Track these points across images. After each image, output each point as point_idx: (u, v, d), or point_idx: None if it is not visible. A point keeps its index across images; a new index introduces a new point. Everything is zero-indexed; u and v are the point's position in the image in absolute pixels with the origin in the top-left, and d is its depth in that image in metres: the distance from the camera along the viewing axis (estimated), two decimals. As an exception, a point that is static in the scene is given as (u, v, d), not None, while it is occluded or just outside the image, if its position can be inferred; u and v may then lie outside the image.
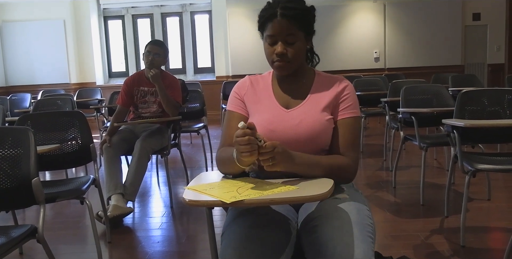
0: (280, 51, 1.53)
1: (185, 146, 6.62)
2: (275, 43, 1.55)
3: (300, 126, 1.54)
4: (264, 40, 1.58)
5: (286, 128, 1.55)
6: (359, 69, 8.95)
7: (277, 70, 1.61)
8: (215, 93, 8.59)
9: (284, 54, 1.54)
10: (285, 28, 1.52)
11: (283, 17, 1.51)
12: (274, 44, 1.55)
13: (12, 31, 9.36)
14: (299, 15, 1.53)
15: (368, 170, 4.65)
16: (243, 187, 1.36)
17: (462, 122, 2.57)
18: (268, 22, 1.54)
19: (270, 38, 1.55)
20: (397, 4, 9.03)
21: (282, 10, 1.51)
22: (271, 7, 1.54)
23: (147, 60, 3.70)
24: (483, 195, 3.56)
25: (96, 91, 7.80)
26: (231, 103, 1.68)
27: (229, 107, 1.69)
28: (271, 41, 1.55)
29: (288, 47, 1.54)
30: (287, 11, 1.51)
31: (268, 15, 1.54)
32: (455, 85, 5.93)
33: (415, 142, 3.55)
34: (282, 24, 1.51)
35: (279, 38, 1.53)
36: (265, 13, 1.55)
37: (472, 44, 9.12)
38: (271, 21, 1.53)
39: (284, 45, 1.53)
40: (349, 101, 1.59)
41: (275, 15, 1.52)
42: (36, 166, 1.96)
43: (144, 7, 10.03)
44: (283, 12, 1.51)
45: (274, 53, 1.55)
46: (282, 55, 1.54)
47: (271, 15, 1.52)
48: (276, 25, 1.52)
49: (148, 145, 3.54)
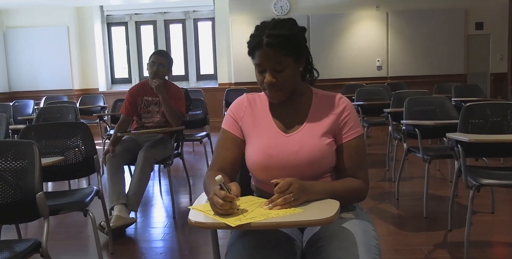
0: (269, 81, 1.51)
1: (187, 154, 6.62)
2: (264, 71, 1.53)
3: (300, 152, 1.53)
4: (254, 67, 1.55)
5: (285, 154, 1.53)
6: (362, 77, 8.96)
7: (270, 99, 1.61)
8: (217, 100, 8.60)
9: (273, 83, 1.52)
10: (272, 57, 1.49)
11: (268, 46, 1.47)
12: (263, 72, 1.53)
13: (16, 37, 9.40)
14: (286, 42, 1.48)
15: (371, 181, 4.59)
16: (248, 208, 1.36)
17: (466, 137, 2.57)
18: (255, 50, 1.51)
19: (258, 66, 1.53)
20: (400, 12, 9.05)
21: (268, 38, 1.47)
22: (258, 34, 1.51)
23: (152, 71, 3.70)
24: (487, 208, 3.55)
25: (98, 97, 7.81)
26: (227, 122, 1.66)
27: (224, 125, 1.66)
28: (260, 70, 1.54)
29: (277, 75, 1.51)
30: (273, 39, 1.47)
31: (254, 43, 1.50)
32: (458, 95, 5.93)
33: (418, 154, 3.54)
34: (268, 54, 1.48)
35: (267, 67, 1.51)
36: (252, 40, 1.52)
37: (475, 53, 9.13)
38: (258, 50, 1.50)
39: (272, 74, 1.51)
40: (351, 121, 1.58)
41: (261, 44, 1.48)
42: (40, 181, 1.96)
43: (148, 14, 10.06)
44: (269, 41, 1.47)
45: (264, 82, 1.54)
46: (271, 84, 1.52)
47: (257, 43, 1.49)
48: (263, 54, 1.49)
49: (151, 155, 3.54)
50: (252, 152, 1.58)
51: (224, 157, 1.61)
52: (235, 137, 1.63)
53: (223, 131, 1.66)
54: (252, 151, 1.58)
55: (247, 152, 1.60)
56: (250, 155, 1.58)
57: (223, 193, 1.28)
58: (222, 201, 1.26)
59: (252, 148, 1.59)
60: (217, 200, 1.27)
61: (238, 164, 1.63)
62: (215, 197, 1.29)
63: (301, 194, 1.36)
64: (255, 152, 1.57)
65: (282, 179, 1.38)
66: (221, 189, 1.30)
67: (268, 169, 1.55)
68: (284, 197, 1.33)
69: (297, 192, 1.35)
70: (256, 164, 1.57)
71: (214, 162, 1.62)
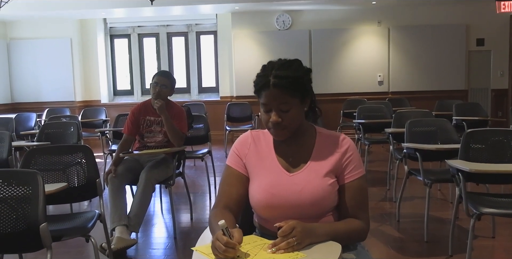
0: (275, 120, 1.54)
1: (188, 169, 6.62)
2: (270, 111, 1.55)
3: (303, 193, 1.55)
4: (260, 106, 1.58)
5: (288, 194, 1.55)
6: (363, 92, 8.98)
7: (274, 136, 1.63)
8: (219, 113, 8.62)
9: (279, 122, 1.55)
10: (278, 97, 1.52)
11: (275, 87, 1.51)
12: (269, 112, 1.56)
13: (19, 49, 9.44)
14: (292, 83, 1.52)
15: (372, 201, 4.64)
16: (251, 251, 1.37)
17: (467, 165, 2.59)
18: (262, 90, 1.54)
19: (264, 106, 1.56)
20: (402, 28, 9.09)
21: (275, 78, 1.51)
22: (265, 74, 1.54)
23: (154, 91, 3.73)
24: (488, 232, 3.55)
25: (100, 110, 7.83)
26: (232, 158, 1.68)
27: (229, 162, 1.69)
28: (266, 109, 1.56)
29: (283, 115, 1.54)
30: (279, 80, 1.50)
31: (261, 83, 1.53)
32: (459, 114, 5.95)
33: (419, 177, 3.55)
34: (274, 94, 1.52)
35: (273, 107, 1.54)
36: (259, 80, 1.55)
37: (476, 69, 9.16)
38: (264, 90, 1.53)
39: (278, 114, 1.54)
40: (353, 162, 1.60)
41: (267, 84, 1.52)
42: (44, 211, 1.97)
43: (150, 26, 10.11)
44: (275, 82, 1.50)
45: (269, 121, 1.56)
46: (277, 124, 1.55)
47: (264, 84, 1.52)
48: (269, 95, 1.52)
49: (153, 176, 3.56)
50: (255, 190, 1.60)
51: (229, 194, 1.63)
52: (239, 174, 1.65)
53: (228, 168, 1.68)
54: (256, 189, 1.60)
55: (251, 189, 1.62)
56: (254, 193, 1.60)
57: (225, 239, 1.29)
58: (224, 247, 1.28)
59: (255, 186, 1.61)
60: (219, 246, 1.29)
61: (243, 200, 1.64)
62: (217, 242, 1.31)
63: (304, 238, 1.38)
64: (258, 190, 1.59)
65: (285, 222, 1.39)
66: (224, 234, 1.32)
67: (271, 208, 1.56)
68: (288, 241, 1.35)
69: (300, 235, 1.37)
70: (259, 203, 1.58)
71: (219, 199, 1.64)
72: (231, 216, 1.55)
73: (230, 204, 1.61)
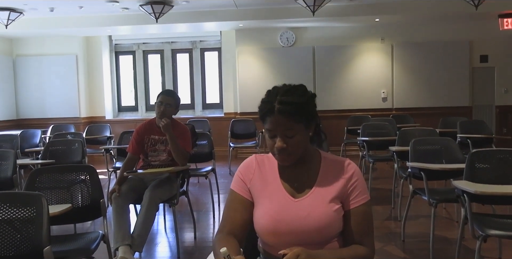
0: (280, 146, 1.54)
1: (192, 186, 6.61)
2: (275, 136, 1.55)
3: (308, 219, 1.54)
4: (264, 131, 1.58)
5: (293, 219, 1.54)
6: (367, 108, 9.00)
7: (280, 162, 1.62)
8: (223, 129, 8.63)
9: (284, 148, 1.54)
10: (283, 124, 1.52)
11: (280, 113, 1.51)
12: (274, 138, 1.55)
13: (25, 65, 9.53)
14: (297, 109, 1.52)
15: (376, 220, 4.61)
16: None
17: (472, 187, 2.57)
18: (266, 116, 1.54)
19: (269, 132, 1.56)
20: (405, 45, 9.14)
21: (279, 105, 1.51)
22: (270, 100, 1.54)
23: (159, 110, 3.74)
24: (494, 252, 3.51)
25: (105, 127, 7.86)
26: (236, 183, 1.68)
27: (233, 186, 1.68)
28: (271, 135, 1.56)
29: (288, 141, 1.54)
30: (284, 106, 1.50)
31: (266, 109, 1.54)
32: (463, 131, 5.94)
33: (424, 197, 3.53)
34: (279, 120, 1.52)
35: (278, 133, 1.54)
36: (264, 106, 1.55)
37: (480, 86, 9.17)
38: (269, 116, 1.53)
39: (283, 139, 1.54)
40: (359, 188, 1.60)
41: (272, 110, 1.51)
42: (48, 234, 1.97)
43: (155, 43, 10.20)
44: (280, 108, 1.50)
45: (274, 147, 1.56)
46: (282, 150, 1.55)
47: (269, 110, 1.52)
48: (274, 120, 1.52)
49: (157, 195, 3.55)
50: (260, 215, 1.59)
51: (234, 220, 1.62)
52: (243, 199, 1.64)
53: (232, 192, 1.67)
54: (260, 214, 1.59)
55: (255, 215, 1.61)
56: (258, 219, 1.59)
57: None
58: None
59: (260, 212, 1.60)
60: None
61: (247, 225, 1.63)
62: None
63: None
64: (263, 216, 1.58)
65: (289, 249, 1.38)
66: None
67: (276, 234, 1.56)
68: None
69: None
70: (264, 228, 1.58)
71: (224, 225, 1.63)
72: (235, 242, 1.54)
73: (234, 229, 1.60)
